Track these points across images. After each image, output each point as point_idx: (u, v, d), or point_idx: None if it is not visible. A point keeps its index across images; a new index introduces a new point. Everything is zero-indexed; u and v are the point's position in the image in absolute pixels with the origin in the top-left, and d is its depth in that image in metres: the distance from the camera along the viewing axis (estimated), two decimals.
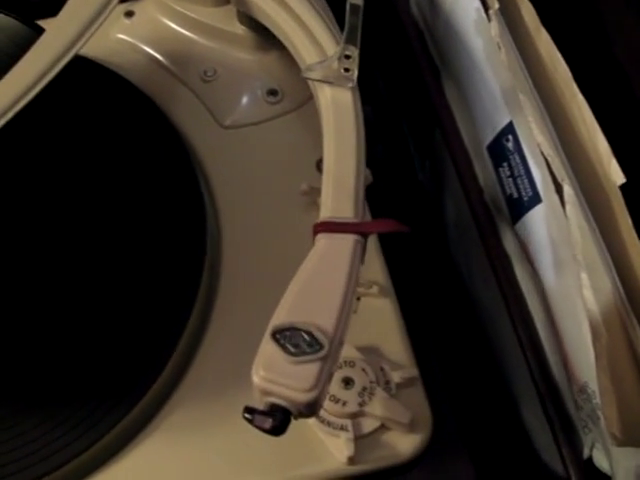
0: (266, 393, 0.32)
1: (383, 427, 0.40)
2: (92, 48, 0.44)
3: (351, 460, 0.39)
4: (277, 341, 0.33)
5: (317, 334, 0.33)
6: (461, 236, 0.51)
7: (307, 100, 0.49)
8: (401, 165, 0.60)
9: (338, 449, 0.39)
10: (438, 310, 0.51)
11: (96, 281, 0.43)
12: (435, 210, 0.55)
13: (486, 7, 0.45)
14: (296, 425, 0.33)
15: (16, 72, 0.41)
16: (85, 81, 0.48)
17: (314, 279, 0.35)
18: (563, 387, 0.41)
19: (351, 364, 0.40)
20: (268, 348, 0.33)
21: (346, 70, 0.40)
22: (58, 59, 0.40)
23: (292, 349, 0.32)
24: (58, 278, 0.43)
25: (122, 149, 0.46)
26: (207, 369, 0.42)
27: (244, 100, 0.51)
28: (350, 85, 0.40)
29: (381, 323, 0.42)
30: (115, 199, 0.45)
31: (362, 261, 0.36)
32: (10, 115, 0.40)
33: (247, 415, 0.32)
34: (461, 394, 0.46)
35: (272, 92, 0.50)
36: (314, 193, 0.45)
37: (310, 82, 0.42)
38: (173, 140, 0.47)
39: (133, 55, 0.52)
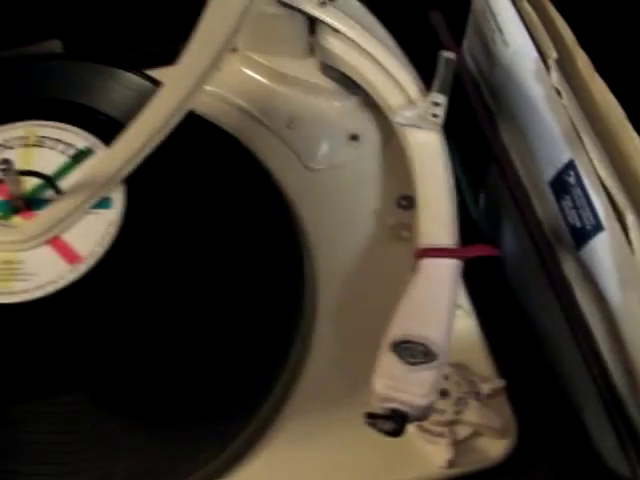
0: (387, 399, 0.36)
1: (475, 433, 0.43)
2: None
3: (450, 463, 0.42)
4: (395, 352, 0.37)
5: (431, 346, 0.37)
6: (519, 267, 0.55)
7: (385, 143, 0.53)
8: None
9: (438, 454, 0.42)
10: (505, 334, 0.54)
11: (203, 307, 0.45)
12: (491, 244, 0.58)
13: (544, 57, 0.49)
14: None
15: (138, 124, 0.44)
16: (179, 130, 0.50)
17: (422, 298, 0.39)
18: (627, 397, 0.44)
19: (446, 377, 0.43)
20: (387, 359, 0.37)
21: (434, 115, 0.44)
22: (175, 112, 0.44)
23: (410, 359, 0.36)
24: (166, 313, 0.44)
25: (221, 193, 0.48)
26: (312, 387, 0.45)
27: (328, 144, 0.53)
28: (437, 129, 0.44)
29: (468, 341, 0.46)
30: (213, 242, 0.46)
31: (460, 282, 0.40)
32: (129, 169, 0.43)
33: (369, 420, 0.36)
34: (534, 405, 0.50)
35: (353, 137, 0.53)
36: (399, 227, 0.48)
37: (397, 125, 0.46)
38: (267, 183, 0.49)
39: (221, 105, 0.55)
